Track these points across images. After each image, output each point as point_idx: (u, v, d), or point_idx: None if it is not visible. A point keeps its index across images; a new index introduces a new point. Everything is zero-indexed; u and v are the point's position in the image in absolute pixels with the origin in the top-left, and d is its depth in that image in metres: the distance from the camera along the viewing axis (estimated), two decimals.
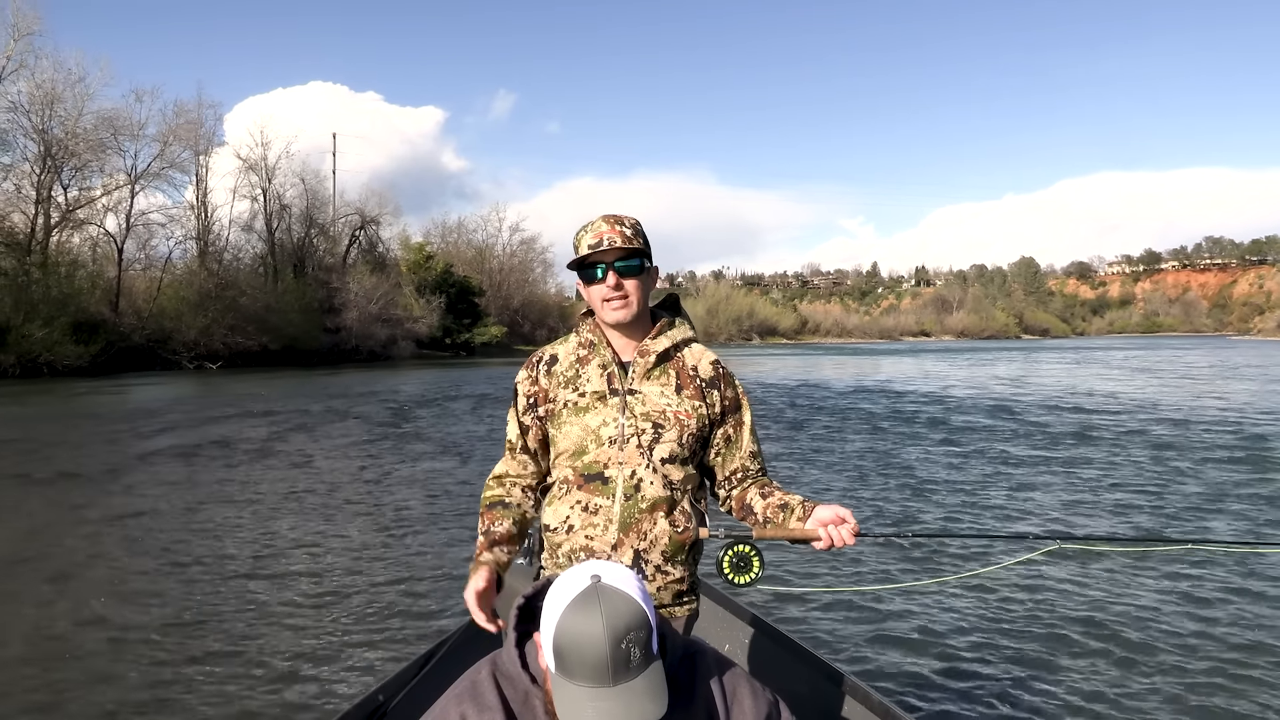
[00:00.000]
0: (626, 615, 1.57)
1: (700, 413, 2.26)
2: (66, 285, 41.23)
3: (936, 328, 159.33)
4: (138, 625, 5.55)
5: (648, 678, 1.59)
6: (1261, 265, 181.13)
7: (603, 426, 2.22)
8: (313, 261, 60.88)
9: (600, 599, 1.57)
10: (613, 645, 1.54)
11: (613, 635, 1.54)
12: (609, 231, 2.20)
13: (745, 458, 2.35)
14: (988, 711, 4.32)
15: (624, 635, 1.55)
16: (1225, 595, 5.97)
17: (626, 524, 2.18)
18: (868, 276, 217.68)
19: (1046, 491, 9.94)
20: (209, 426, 17.51)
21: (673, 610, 2.25)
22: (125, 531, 8.25)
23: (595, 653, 1.54)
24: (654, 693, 1.59)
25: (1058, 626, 5.43)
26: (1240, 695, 4.48)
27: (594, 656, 1.54)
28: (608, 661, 1.54)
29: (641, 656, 1.57)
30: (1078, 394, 24.67)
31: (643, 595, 1.63)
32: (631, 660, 1.56)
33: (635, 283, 2.22)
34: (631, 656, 1.56)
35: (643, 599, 1.62)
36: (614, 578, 1.63)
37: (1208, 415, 18.09)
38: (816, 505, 2.20)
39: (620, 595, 1.59)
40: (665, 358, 2.29)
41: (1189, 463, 11.90)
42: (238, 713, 4.33)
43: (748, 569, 2.19)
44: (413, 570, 6.87)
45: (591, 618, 1.55)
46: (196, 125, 52.55)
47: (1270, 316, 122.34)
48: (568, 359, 2.32)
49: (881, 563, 6.83)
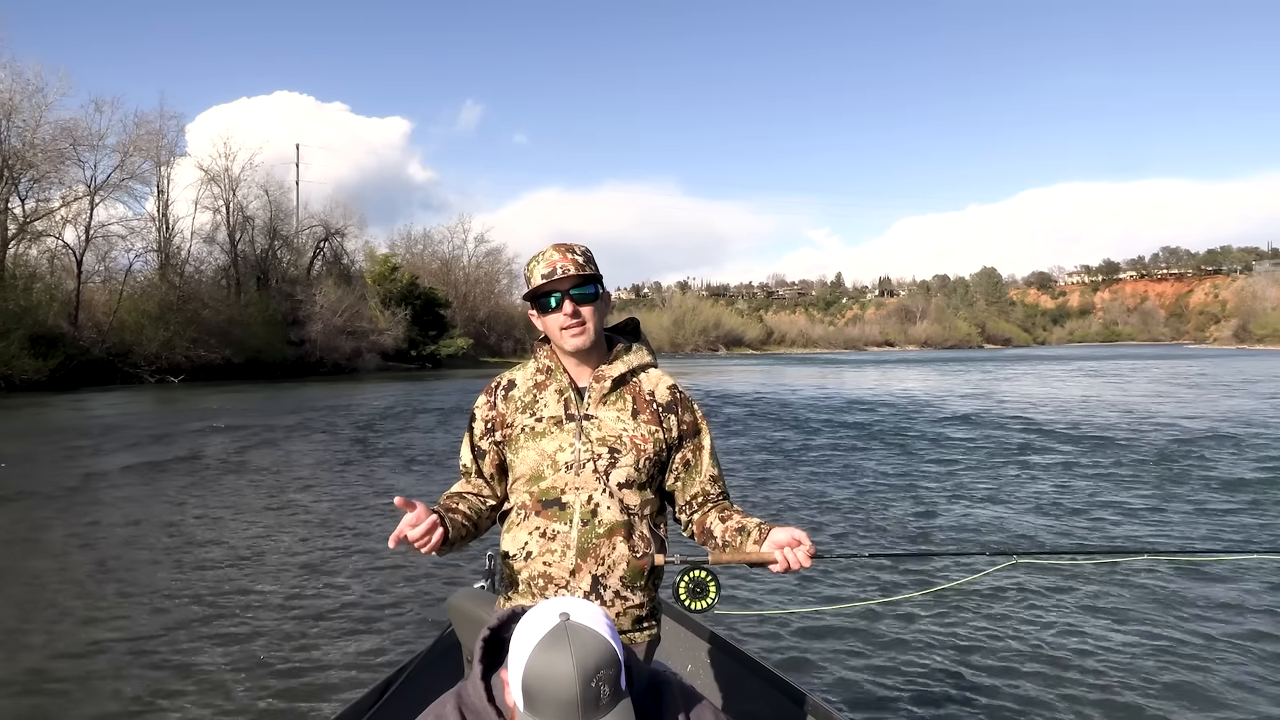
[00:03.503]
0: (596, 654, 1.57)
1: (657, 437, 2.28)
2: (24, 298, 40.37)
3: (900, 338, 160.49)
4: (96, 645, 5.50)
5: (616, 715, 1.58)
6: (1217, 275, 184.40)
7: (559, 452, 2.23)
8: (277, 273, 60.22)
9: (570, 637, 1.57)
10: (583, 685, 1.54)
11: (583, 674, 1.54)
12: (562, 260, 2.22)
13: (705, 482, 2.35)
14: None
15: (594, 674, 1.55)
16: (1180, 604, 6.11)
17: (584, 549, 2.19)
18: (832, 287, 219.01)
19: (1004, 505, 10.06)
20: (171, 441, 17.29)
21: (633, 636, 2.25)
22: (84, 550, 8.16)
23: (565, 692, 1.54)
24: None
25: (1016, 642, 5.52)
26: (1198, 703, 4.60)
27: (564, 696, 1.54)
28: (577, 701, 1.54)
29: (610, 695, 1.57)
30: (1035, 405, 25.02)
31: (611, 632, 1.64)
32: (601, 699, 1.56)
33: (591, 309, 2.24)
34: (601, 695, 1.56)
35: (612, 636, 1.63)
36: (582, 615, 1.63)
37: (1164, 425, 18.44)
38: (773, 528, 2.18)
39: (589, 633, 1.59)
40: (621, 382, 2.31)
41: (1145, 473, 12.15)
42: None
43: (704, 595, 2.18)
44: (376, 590, 6.83)
45: (561, 657, 1.55)
46: (158, 136, 51.82)
47: (1225, 325, 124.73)
48: (525, 384, 2.34)
49: (842, 583, 6.87)
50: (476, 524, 2.31)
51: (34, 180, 45.30)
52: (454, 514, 2.23)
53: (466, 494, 2.36)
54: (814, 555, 2.15)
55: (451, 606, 3.19)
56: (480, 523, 2.33)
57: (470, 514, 2.29)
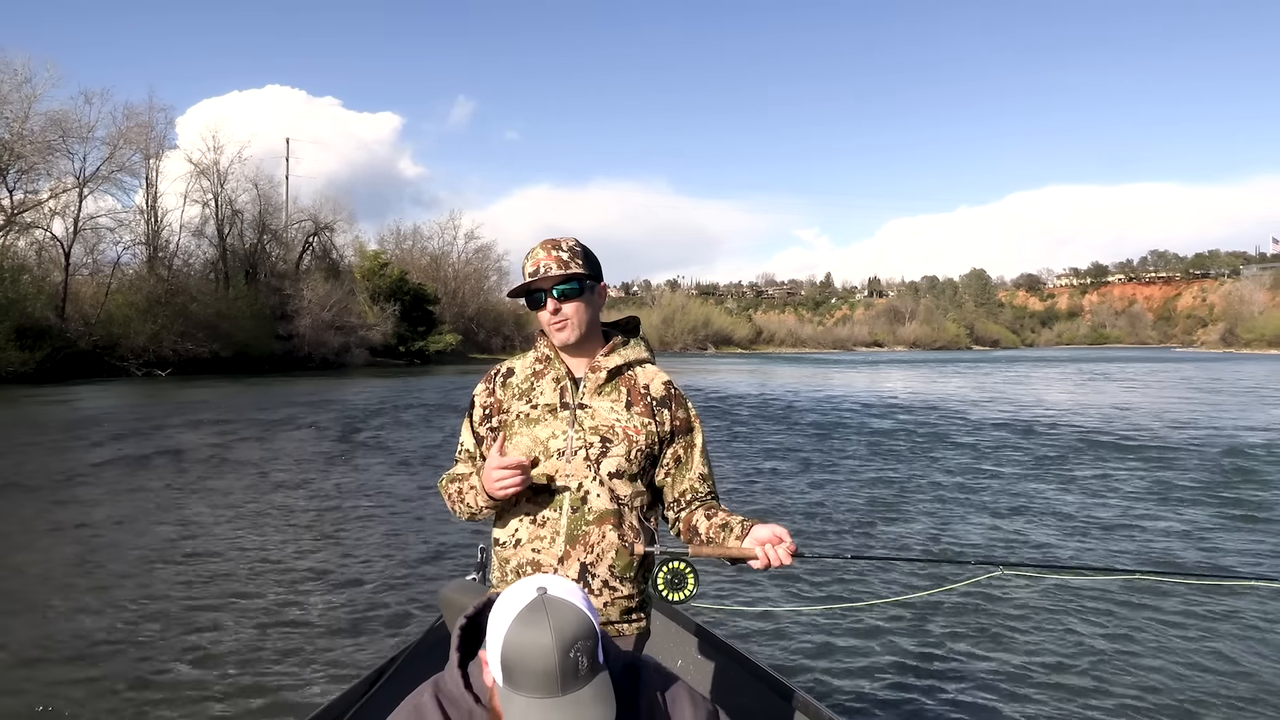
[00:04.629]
0: (574, 625, 1.59)
1: (649, 430, 2.31)
2: (10, 290, 40.09)
3: (889, 338, 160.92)
4: (83, 637, 5.50)
5: (595, 686, 1.61)
6: (1204, 279, 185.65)
7: (552, 439, 2.28)
8: (265, 268, 60.01)
9: (548, 610, 1.60)
10: (561, 655, 1.56)
11: (561, 645, 1.56)
12: (545, 258, 2.28)
13: (695, 479, 2.38)
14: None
15: (572, 644, 1.57)
16: (1166, 623, 6.04)
17: (573, 536, 2.23)
18: (821, 287, 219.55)
19: (990, 514, 9.97)
20: (157, 435, 17.25)
21: (621, 627, 2.29)
22: (70, 543, 8.14)
23: (544, 663, 1.56)
24: (602, 700, 1.62)
25: (997, 651, 5.51)
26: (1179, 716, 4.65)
27: (543, 667, 1.56)
28: (556, 671, 1.56)
29: (589, 665, 1.60)
30: (1024, 409, 25.12)
31: (588, 606, 1.66)
32: (580, 669, 1.58)
33: (575, 305, 2.29)
34: (579, 666, 1.58)
35: (588, 609, 1.65)
36: (559, 589, 1.66)
37: (1155, 434, 18.55)
38: (755, 524, 2.21)
39: (567, 605, 1.62)
40: (616, 374, 2.36)
41: (1136, 485, 12.23)
42: None
43: (682, 586, 2.22)
44: (365, 581, 6.85)
45: (539, 629, 1.57)
46: (147, 128, 51.51)
47: (1212, 329, 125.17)
48: (524, 372, 2.40)
49: (834, 582, 6.90)
50: None
51: (22, 172, 45.09)
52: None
53: (469, 475, 2.38)
54: (795, 553, 2.17)
55: (442, 598, 3.22)
56: None
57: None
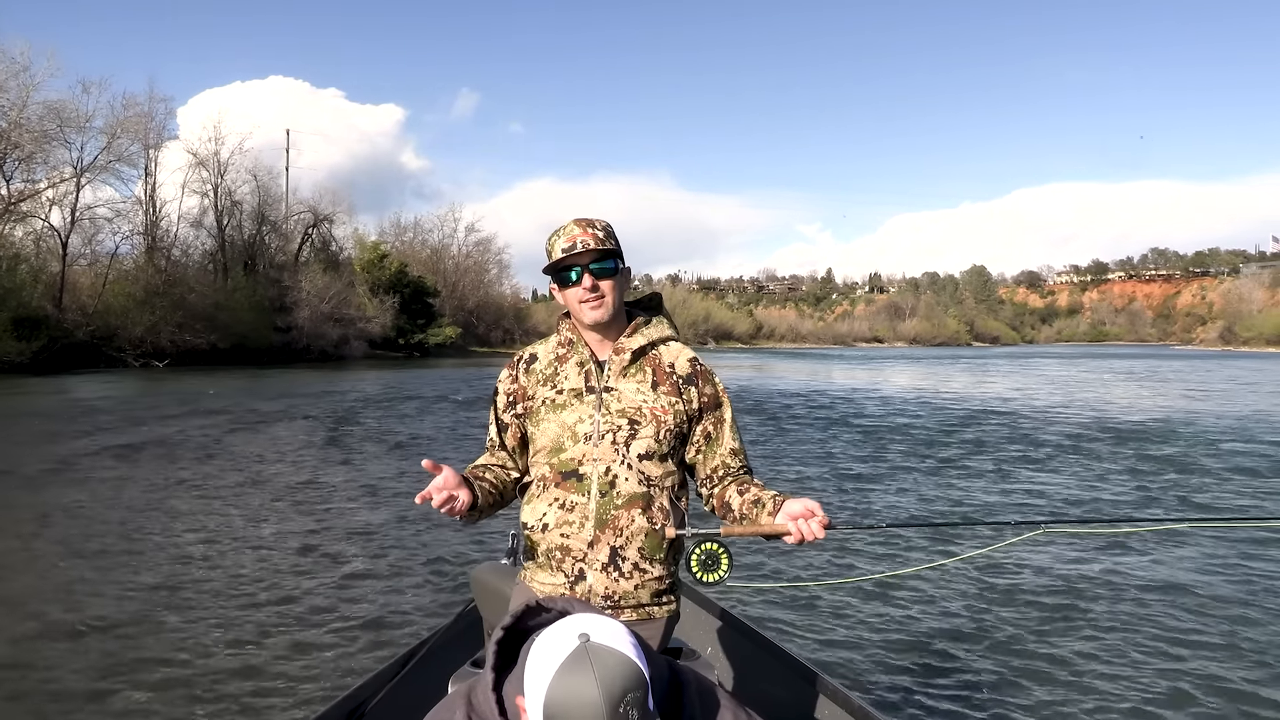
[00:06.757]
0: (622, 676, 1.44)
1: (677, 409, 2.28)
2: (7, 280, 40.08)
3: (890, 334, 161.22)
4: (86, 627, 5.37)
5: None
6: (1204, 277, 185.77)
7: (579, 423, 2.25)
8: (264, 259, 59.94)
9: (592, 660, 1.44)
10: (611, 711, 1.41)
11: (610, 700, 1.41)
12: (582, 234, 2.24)
13: (726, 455, 2.35)
14: (968, 711, 4.29)
15: (621, 698, 1.43)
16: (1208, 570, 6.08)
17: (603, 520, 2.19)
18: (823, 283, 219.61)
19: (1010, 482, 10.09)
20: (154, 426, 17.13)
21: (651, 610, 2.25)
22: (67, 533, 8.01)
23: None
24: None
25: (1038, 615, 5.50)
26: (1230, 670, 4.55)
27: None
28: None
29: (640, 718, 1.45)
30: (1034, 399, 25.07)
31: (635, 649, 1.51)
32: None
33: (610, 283, 2.27)
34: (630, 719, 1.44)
35: (635, 654, 1.50)
36: (603, 634, 1.51)
37: (1167, 413, 18.44)
38: (787, 499, 2.17)
39: (612, 654, 1.47)
40: (641, 354, 2.33)
41: (1150, 453, 12.12)
42: (208, 714, 4.21)
43: (715, 567, 2.18)
44: (399, 564, 6.83)
45: (585, 682, 1.42)
46: (146, 118, 51.37)
47: (1212, 327, 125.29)
48: (547, 357, 2.37)
49: (862, 556, 6.89)
50: (502, 494, 2.35)
51: (20, 161, 44.88)
52: (481, 482, 2.29)
53: (491, 465, 2.40)
54: (828, 526, 2.14)
55: (474, 579, 3.25)
56: (505, 493, 2.37)
57: (496, 483, 2.34)
